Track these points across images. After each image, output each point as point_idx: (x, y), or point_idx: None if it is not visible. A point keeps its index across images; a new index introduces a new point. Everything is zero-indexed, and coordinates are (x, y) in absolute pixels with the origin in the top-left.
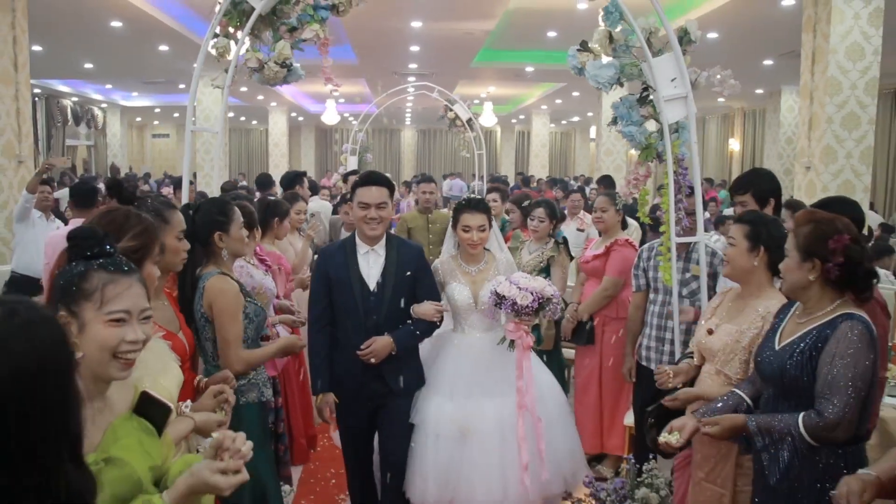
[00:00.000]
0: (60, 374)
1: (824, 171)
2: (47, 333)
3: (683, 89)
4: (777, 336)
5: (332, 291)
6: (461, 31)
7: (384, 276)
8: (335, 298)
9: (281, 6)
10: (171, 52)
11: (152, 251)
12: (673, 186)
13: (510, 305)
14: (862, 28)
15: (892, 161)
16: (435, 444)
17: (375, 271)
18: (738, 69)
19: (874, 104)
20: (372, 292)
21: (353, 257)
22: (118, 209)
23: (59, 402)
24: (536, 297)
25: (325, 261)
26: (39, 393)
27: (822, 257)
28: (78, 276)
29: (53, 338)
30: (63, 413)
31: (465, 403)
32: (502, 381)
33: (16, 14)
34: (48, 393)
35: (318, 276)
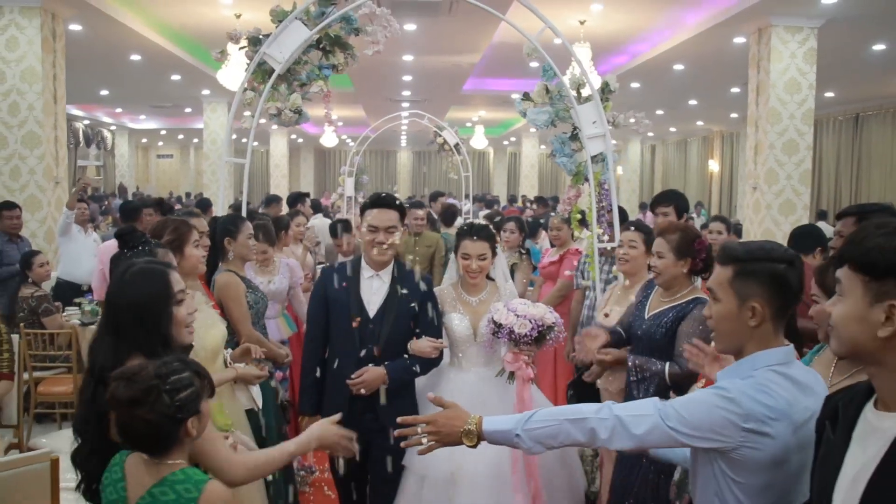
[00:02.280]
0: (158, 297)
1: (768, 191)
2: (152, 278)
3: (602, 129)
4: (646, 309)
5: (330, 313)
6: (449, 63)
7: (386, 303)
8: (332, 321)
9: (294, 66)
10: (183, 80)
11: (185, 241)
12: (595, 204)
13: (507, 334)
14: (798, 65)
15: (834, 179)
16: (419, 487)
17: (378, 298)
18: (710, 95)
19: (811, 132)
20: (371, 319)
21: (355, 280)
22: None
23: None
24: (536, 326)
25: (324, 280)
26: (149, 308)
27: (692, 255)
28: (148, 254)
29: (155, 280)
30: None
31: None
32: None
33: (56, 54)
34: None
35: (317, 295)
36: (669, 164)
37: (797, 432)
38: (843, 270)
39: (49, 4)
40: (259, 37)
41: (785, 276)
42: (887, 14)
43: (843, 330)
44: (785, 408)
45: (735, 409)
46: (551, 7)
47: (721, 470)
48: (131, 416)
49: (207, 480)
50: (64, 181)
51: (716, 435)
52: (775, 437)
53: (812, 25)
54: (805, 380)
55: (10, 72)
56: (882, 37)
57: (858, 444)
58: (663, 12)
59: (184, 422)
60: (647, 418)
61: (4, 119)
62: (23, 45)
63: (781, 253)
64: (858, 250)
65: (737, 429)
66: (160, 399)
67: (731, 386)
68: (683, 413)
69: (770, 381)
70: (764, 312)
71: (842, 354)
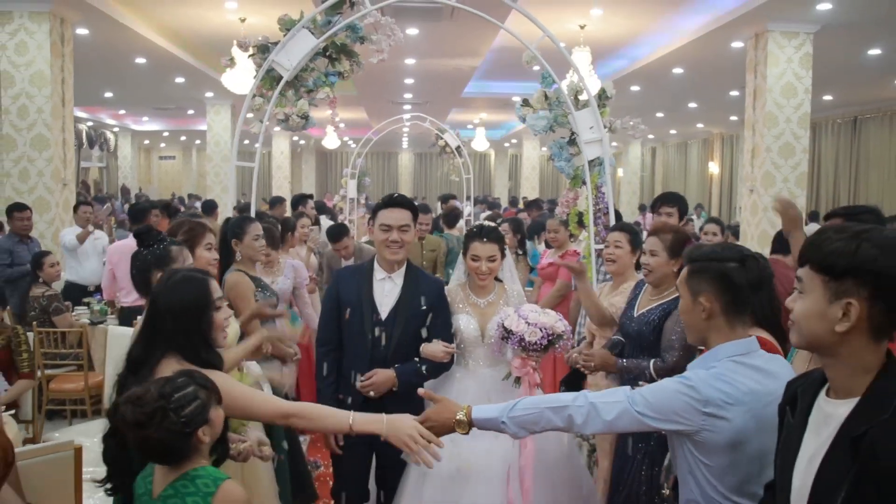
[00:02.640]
0: (200, 302)
1: (764, 194)
2: (195, 284)
3: (599, 134)
4: (635, 308)
5: (342, 315)
6: (451, 67)
7: (398, 305)
8: (344, 323)
9: (301, 73)
10: (187, 83)
11: (197, 243)
12: (592, 207)
13: (517, 341)
14: (794, 70)
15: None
16: (421, 483)
17: (390, 300)
18: (709, 98)
19: (807, 136)
20: (382, 321)
21: (368, 282)
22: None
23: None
24: (546, 334)
25: (338, 282)
26: (191, 312)
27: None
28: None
29: (197, 286)
30: (199, 321)
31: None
32: None
33: (64, 59)
34: (195, 312)
35: (330, 297)
36: (670, 166)
37: (758, 416)
38: (805, 270)
39: (58, 9)
40: (267, 44)
41: (730, 274)
42: (881, 20)
43: (803, 324)
44: (741, 395)
45: (695, 395)
46: (551, 11)
47: (690, 451)
48: (142, 437)
49: (225, 479)
50: (71, 183)
51: (679, 418)
52: (732, 420)
53: (808, 31)
54: (769, 367)
55: (19, 76)
56: (877, 42)
57: (813, 429)
58: (662, 17)
59: (194, 433)
60: (617, 404)
61: (14, 122)
62: (32, 49)
63: (732, 254)
64: (819, 253)
65: (697, 413)
66: (167, 418)
67: (693, 375)
68: (650, 399)
69: (729, 371)
70: (712, 307)
71: (801, 346)
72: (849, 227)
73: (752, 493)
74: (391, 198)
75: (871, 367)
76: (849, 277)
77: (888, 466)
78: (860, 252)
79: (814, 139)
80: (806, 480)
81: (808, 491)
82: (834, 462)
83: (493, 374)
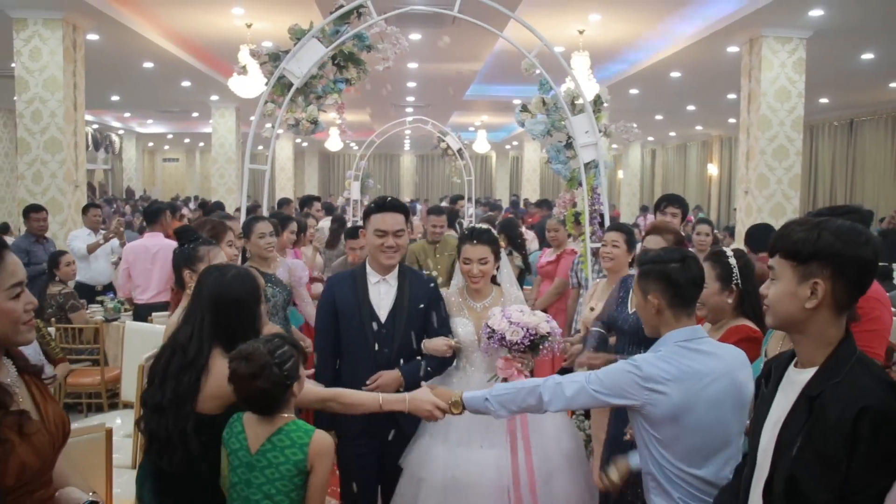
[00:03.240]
0: (253, 297)
1: (759, 195)
2: (245, 279)
3: (594, 138)
4: (628, 304)
5: (340, 322)
6: (452, 71)
7: (395, 307)
8: (343, 330)
9: (311, 80)
10: (193, 86)
11: (219, 240)
12: (588, 207)
13: (499, 339)
14: (788, 74)
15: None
16: (417, 490)
17: (387, 302)
18: (707, 101)
19: (800, 138)
20: (382, 324)
21: (363, 287)
22: (203, 220)
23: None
24: (528, 334)
25: (332, 289)
26: (244, 305)
27: None
28: (191, 251)
29: (248, 281)
30: (253, 314)
31: (458, 451)
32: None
33: (76, 64)
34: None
35: (325, 305)
36: (669, 167)
37: (698, 392)
38: (776, 259)
39: (71, 16)
40: (279, 53)
41: (672, 273)
42: (872, 26)
43: (778, 306)
44: (680, 373)
45: (639, 373)
46: (551, 17)
47: (642, 425)
48: (252, 387)
49: (315, 430)
50: (83, 185)
51: (625, 393)
52: (669, 395)
53: (801, 36)
54: (712, 350)
55: (33, 80)
56: (870, 47)
57: (782, 394)
58: (659, 22)
59: (291, 386)
60: (576, 383)
61: (28, 126)
62: (45, 55)
63: (674, 256)
64: (786, 243)
65: (640, 388)
66: (273, 371)
67: (640, 357)
68: (603, 378)
69: (672, 353)
70: (660, 303)
71: (775, 326)
72: (808, 220)
73: (696, 464)
74: (384, 202)
75: (832, 341)
76: (813, 261)
77: (834, 421)
78: (821, 239)
79: (811, 141)
80: (772, 438)
81: (772, 446)
82: (794, 419)
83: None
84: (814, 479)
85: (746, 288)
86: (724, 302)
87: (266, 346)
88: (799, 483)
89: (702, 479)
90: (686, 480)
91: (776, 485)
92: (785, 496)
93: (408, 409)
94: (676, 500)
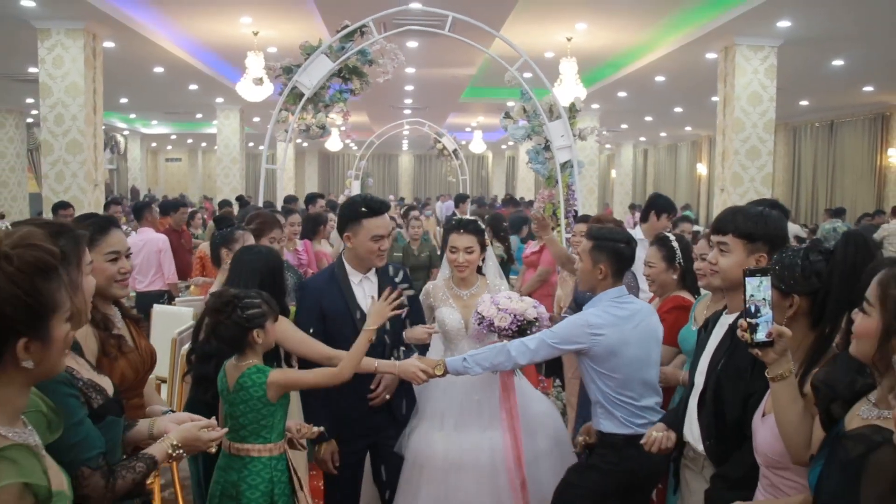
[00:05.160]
0: (278, 268)
1: (733, 193)
2: (270, 255)
3: (569, 141)
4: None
5: (328, 325)
6: (448, 75)
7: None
8: (332, 332)
9: (319, 91)
10: (200, 89)
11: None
12: (563, 202)
13: (488, 325)
14: (760, 80)
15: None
16: (419, 476)
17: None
18: (693, 104)
19: (771, 139)
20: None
21: (347, 288)
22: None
23: (278, 278)
24: (516, 320)
25: (314, 294)
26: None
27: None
28: (228, 233)
29: (273, 256)
30: (276, 283)
31: (455, 436)
32: (496, 414)
33: (96, 71)
34: (276, 275)
35: (309, 310)
36: (660, 167)
37: (627, 334)
38: (729, 237)
39: (91, 26)
40: (291, 67)
41: (620, 251)
42: (839, 35)
43: (730, 272)
44: (613, 320)
45: (584, 322)
46: (540, 26)
47: (588, 364)
48: (216, 321)
49: (271, 370)
50: (101, 184)
51: (576, 339)
52: (607, 336)
53: (772, 45)
54: (633, 302)
55: (56, 86)
56: (839, 54)
57: (715, 334)
58: (642, 31)
59: (250, 330)
60: (536, 339)
61: (51, 128)
62: (67, 62)
63: (622, 237)
64: (740, 227)
65: (587, 334)
66: (234, 311)
67: (585, 312)
68: (556, 330)
69: (607, 307)
70: (606, 271)
71: (723, 286)
72: (754, 209)
73: (630, 388)
74: (380, 203)
75: None
76: (759, 241)
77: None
78: (767, 226)
79: (793, 142)
80: (706, 362)
81: (706, 368)
82: (722, 345)
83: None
84: (730, 385)
85: (687, 266)
86: (670, 278)
87: (238, 292)
88: (722, 389)
89: (633, 402)
90: (624, 403)
91: (707, 394)
92: (712, 401)
93: (398, 373)
94: (620, 419)
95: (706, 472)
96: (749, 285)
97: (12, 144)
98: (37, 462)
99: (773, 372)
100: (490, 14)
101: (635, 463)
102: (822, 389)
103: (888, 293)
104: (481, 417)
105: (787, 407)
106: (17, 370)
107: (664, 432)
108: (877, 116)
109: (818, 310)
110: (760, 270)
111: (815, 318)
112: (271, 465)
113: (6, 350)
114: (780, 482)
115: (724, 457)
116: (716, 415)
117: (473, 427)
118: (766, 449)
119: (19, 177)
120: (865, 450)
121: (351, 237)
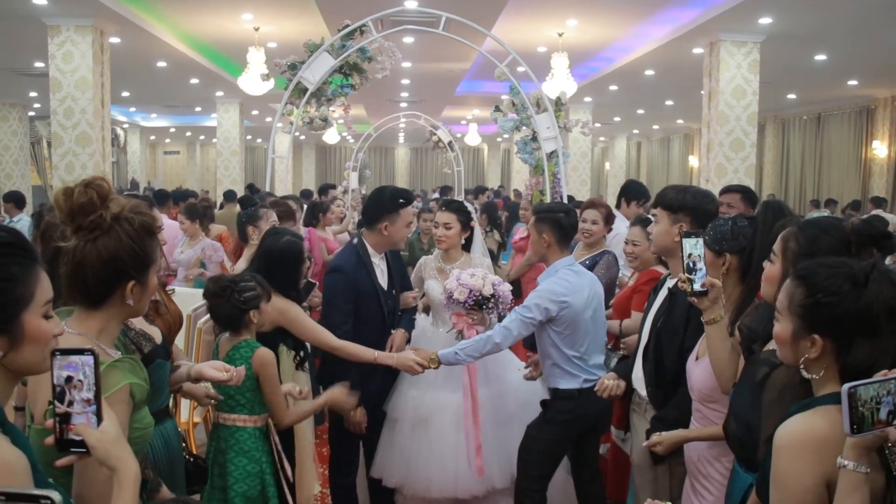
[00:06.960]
0: (299, 252)
1: (718, 183)
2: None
3: (554, 132)
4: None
5: (359, 304)
6: (443, 69)
7: (391, 277)
8: (361, 310)
9: (322, 86)
10: (201, 83)
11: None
12: (550, 190)
13: (447, 297)
14: (744, 75)
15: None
16: (391, 429)
17: (385, 277)
18: (683, 97)
19: (755, 132)
20: (390, 295)
21: (371, 267)
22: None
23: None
24: (472, 295)
25: (350, 276)
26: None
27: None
28: (253, 211)
29: (292, 241)
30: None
31: (427, 395)
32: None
33: (103, 66)
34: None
35: (348, 293)
36: (653, 159)
37: (581, 299)
38: (658, 210)
39: (99, 22)
40: (296, 63)
41: (560, 221)
42: (821, 31)
43: (658, 240)
44: (572, 287)
45: (550, 291)
46: (532, 21)
47: (551, 330)
48: (215, 304)
49: (260, 346)
50: (109, 175)
51: (546, 308)
52: (571, 303)
53: (755, 40)
54: (581, 272)
55: (65, 81)
56: (821, 49)
57: (661, 296)
58: (631, 26)
59: (247, 311)
60: (513, 319)
61: (61, 122)
62: (76, 58)
63: (562, 208)
64: (664, 200)
65: (553, 303)
66: (232, 295)
67: (547, 282)
68: (529, 306)
69: (563, 276)
70: (550, 239)
71: (655, 252)
72: (677, 186)
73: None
74: (410, 195)
75: None
76: (681, 212)
77: (680, 304)
78: (685, 198)
79: (782, 134)
80: (650, 329)
81: (650, 325)
82: (662, 305)
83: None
84: (668, 340)
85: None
86: (652, 256)
87: (234, 277)
88: (661, 343)
89: (586, 360)
90: (578, 362)
91: (649, 347)
92: (653, 353)
93: (395, 364)
94: (575, 375)
95: (648, 414)
96: (686, 245)
97: (16, 137)
98: (141, 370)
99: (707, 316)
100: (483, 10)
101: (585, 409)
102: (745, 332)
103: (787, 245)
104: (450, 380)
105: (718, 346)
106: (122, 307)
107: (615, 381)
108: (862, 110)
109: (745, 265)
110: (694, 233)
111: (742, 274)
112: (256, 434)
113: (118, 290)
114: (710, 414)
115: (662, 401)
116: (656, 365)
117: (445, 388)
118: (700, 385)
119: (23, 169)
120: (769, 370)
121: (388, 226)
